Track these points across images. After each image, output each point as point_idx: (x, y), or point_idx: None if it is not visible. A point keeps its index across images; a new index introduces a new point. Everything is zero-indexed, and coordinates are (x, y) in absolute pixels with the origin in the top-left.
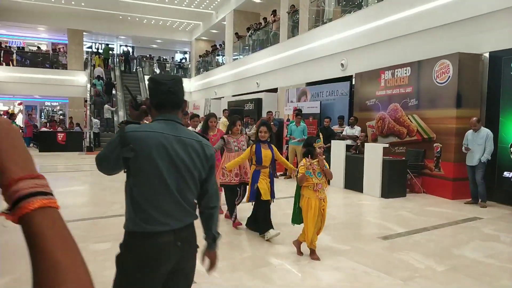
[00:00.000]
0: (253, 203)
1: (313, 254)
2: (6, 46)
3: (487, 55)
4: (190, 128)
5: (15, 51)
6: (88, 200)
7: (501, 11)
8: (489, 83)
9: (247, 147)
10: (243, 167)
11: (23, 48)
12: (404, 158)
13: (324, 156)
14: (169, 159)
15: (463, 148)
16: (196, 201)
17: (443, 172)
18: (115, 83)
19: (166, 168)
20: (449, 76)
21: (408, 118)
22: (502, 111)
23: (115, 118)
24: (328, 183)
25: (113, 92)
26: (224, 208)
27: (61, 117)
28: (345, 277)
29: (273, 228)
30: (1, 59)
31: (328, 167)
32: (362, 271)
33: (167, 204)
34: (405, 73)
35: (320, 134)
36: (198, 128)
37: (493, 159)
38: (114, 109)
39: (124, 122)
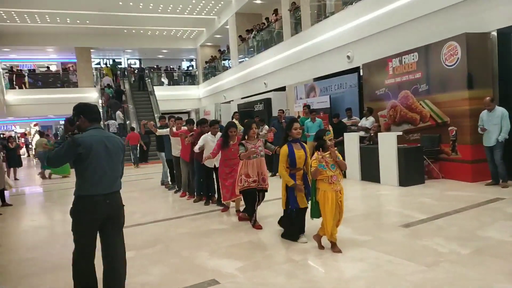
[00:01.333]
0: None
1: (334, 247)
2: (17, 69)
3: (495, 33)
4: (209, 134)
5: (26, 74)
6: None
7: None
8: (500, 61)
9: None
10: (261, 173)
11: (34, 70)
12: (419, 145)
13: (336, 148)
14: (105, 150)
15: (479, 129)
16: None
17: (460, 155)
18: (124, 90)
19: (103, 155)
20: (458, 58)
21: (420, 104)
22: None
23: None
24: (344, 175)
25: (123, 98)
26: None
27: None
28: (368, 267)
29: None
30: (14, 83)
31: (341, 158)
32: (386, 260)
33: (103, 178)
34: (413, 59)
35: (330, 126)
36: (219, 136)
37: (510, 137)
38: (122, 119)
39: (71, 134)
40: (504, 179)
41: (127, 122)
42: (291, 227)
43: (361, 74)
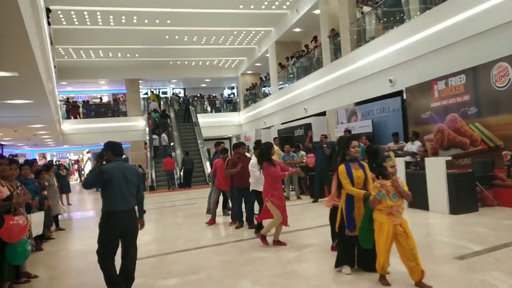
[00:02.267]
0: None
1: (382, 279)
2: (73, 101)
3: None
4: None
5: (81, 105)
6: (154, 237)
7: None
8: None
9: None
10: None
11: (87, 101)
12: (470, 170)
13: (399, 177)
14: (124, 177)
15: None
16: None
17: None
18: (169, 114)
19: (122, 181)
20: (510, 79)
21: (470, 128)
22: None
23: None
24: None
25: (169, 122)
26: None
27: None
28: None
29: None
30: (70, 113)
31: (405, 188)
32: None
33: (122, 198)
34: (460, 81)
35: (391, 152)
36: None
37: None
38: (167, 142)
39: (99, 164)
40: None
41: (171, 144)
42: (342, 252)
43: (404, 97)
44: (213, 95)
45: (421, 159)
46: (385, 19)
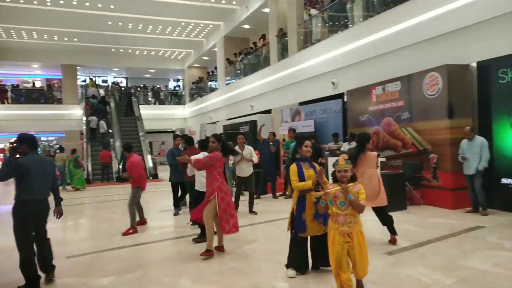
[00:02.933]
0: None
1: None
2: (0, 84)
3: (474, 65)
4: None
5: (9, 89)
6: (88, 234)
7: (485, 22)
8: (479, 92)
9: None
10: None
11: (17, 85)
12: (401, 171)
13: (351, 185)
14: (41, 169)
15: (459, 157)
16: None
17: (441, 182)
18: (109, 101)
19: (39, 173)
20: (439, 88)
21: (402, 131)
22: (494, 118)
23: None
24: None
25: (108, 109)
26: None
27: (57, 151)
28: None
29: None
30: None
31: (358, 196)
32: None
33: (37, 188)
34: (396, 87)
35: (343, 157)
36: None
37: (490, 166)
38: (105, 130)
39: (13, 159)
40: (484, 207)
41: (109, 131)
42: (291, 253)
43: (345, 100)
44: (157, 86)
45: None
46: (331, 23)
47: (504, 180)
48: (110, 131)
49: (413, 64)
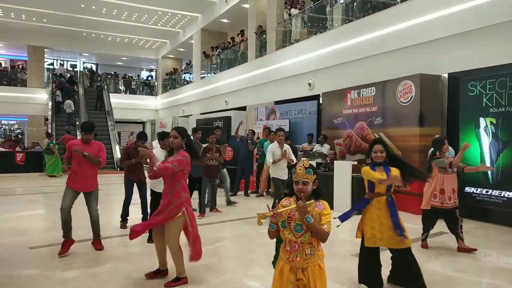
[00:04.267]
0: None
1: None
2: None
3: (446, 75)
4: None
5: None
6: (51, 224)
7: (458, 35)
8: (449, 103)
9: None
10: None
11: None
12: None
13: (312, 202)
14: None
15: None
16: None
17: (409, 188)
18: (77, 81)
19: None
20: (412, 96)
21: (374, 136)
22: (461, 129)
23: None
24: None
25: (75, 89)
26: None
27: (18, 136)
28: None
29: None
30: None
31: (320, 219)
32: None
33: None
34: (370, 92)
35: (303, 162)
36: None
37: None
38: (73, 110)
39: None
40: None
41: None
42: (362, 266)
43: (321, 102)
44: (129, 75)
45: (331, 161)
46: (310, 24)
47: (468, 189)
48: (74, 111)
49: (389, 72)
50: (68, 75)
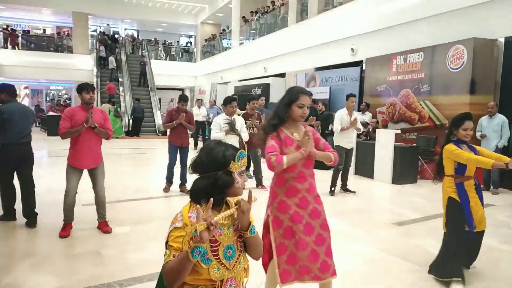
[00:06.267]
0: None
1: None
2: (11, 29)
3: (502, 40)
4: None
5: (20, 34)
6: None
7: None
8: (504, 69)
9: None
10: None
11: (28, 31)
12: (415, 145)
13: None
14: (21, 116)
15: (477, 134)
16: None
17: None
18: (119, 37)
19: (20, 120)
20: (464, 62)
21: (420, 104)
22: None
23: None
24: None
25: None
26: None
27: (67, 101)
28: (363, 261)
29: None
30: (8, 42)
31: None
32: (380, 257)
33: (19, 133)
34: (418, 58)
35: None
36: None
37: (508, 145)
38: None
39: None
40: (496, 186)
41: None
42: (455, 259)
43: (364, 68)
44: (169, 41)
45: (373, 130)
46: None
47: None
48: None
49: (438, 36)
50: (112, 34)
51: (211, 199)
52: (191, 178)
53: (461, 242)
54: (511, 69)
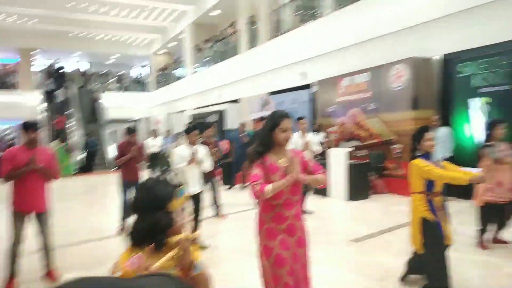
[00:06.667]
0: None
1: None
2: None
3: (438, 57)
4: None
5: None
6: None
7: (448, 16)
8: (442, 85)
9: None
10: None
11: None
12: (367, 161)
13: (194, 236)
14: None
15: None
16: None
17: (404, 171)
18: (67, 71)
19: None
20: (404, 80)
21: (368, 122)
22: (454, 111)
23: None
24: None
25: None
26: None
27: (12, 141)
28: (323, 281)
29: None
30: None
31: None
32: (339, 275)
33: None
34: (364, 78)
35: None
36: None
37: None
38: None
39: None
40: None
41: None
42: (436, 276)
43: (314, 90)
44: (123, 72)
45: (328, 148)
46: (301, 11)
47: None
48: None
49: (381, 57)
50: (58, 65)
51: (151, 245)
52: None
53: (443, 262)
54: (450, 85)
